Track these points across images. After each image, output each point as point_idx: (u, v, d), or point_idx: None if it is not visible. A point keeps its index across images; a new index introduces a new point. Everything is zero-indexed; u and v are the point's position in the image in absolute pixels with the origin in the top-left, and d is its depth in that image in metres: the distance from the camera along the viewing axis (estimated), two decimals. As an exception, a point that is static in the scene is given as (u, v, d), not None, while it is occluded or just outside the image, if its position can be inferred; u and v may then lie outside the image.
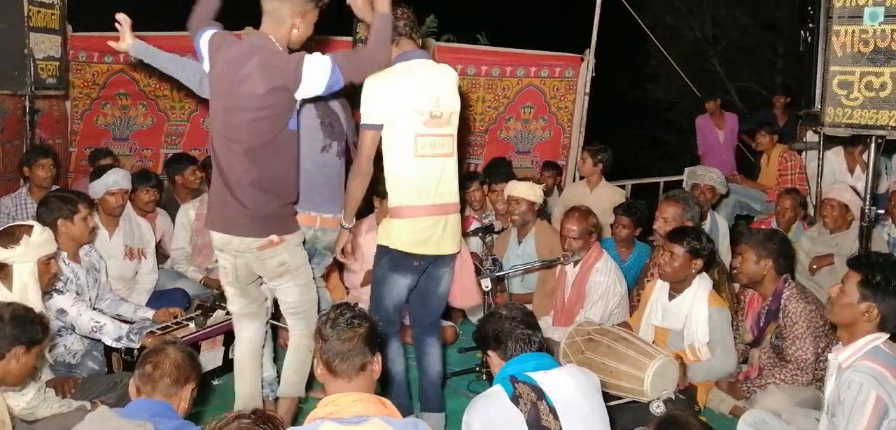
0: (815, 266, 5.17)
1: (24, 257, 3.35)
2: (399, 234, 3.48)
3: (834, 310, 2.93)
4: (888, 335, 2.82)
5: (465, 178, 6.18)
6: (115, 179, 4.82)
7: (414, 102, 3.40)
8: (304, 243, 3.58)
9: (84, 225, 4.10)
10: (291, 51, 3.30)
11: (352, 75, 3.29)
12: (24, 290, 3.30)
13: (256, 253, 3.38)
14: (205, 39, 3.37)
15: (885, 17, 3.93)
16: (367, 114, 3.41)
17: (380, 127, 3.41)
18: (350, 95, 3.62)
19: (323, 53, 3.27)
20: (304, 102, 3.37)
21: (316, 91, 3.26)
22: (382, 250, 3.56)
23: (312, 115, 3.58)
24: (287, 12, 3.25)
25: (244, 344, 3.68)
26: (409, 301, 3.75)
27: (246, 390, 3.65)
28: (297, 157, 3.41)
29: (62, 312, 3.89)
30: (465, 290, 3.83)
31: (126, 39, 3.76)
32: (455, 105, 3.57)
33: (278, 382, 3.91)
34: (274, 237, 3.35)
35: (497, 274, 4.51)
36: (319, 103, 3.55)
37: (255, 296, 3.66)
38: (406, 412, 3.46)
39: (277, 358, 4.08)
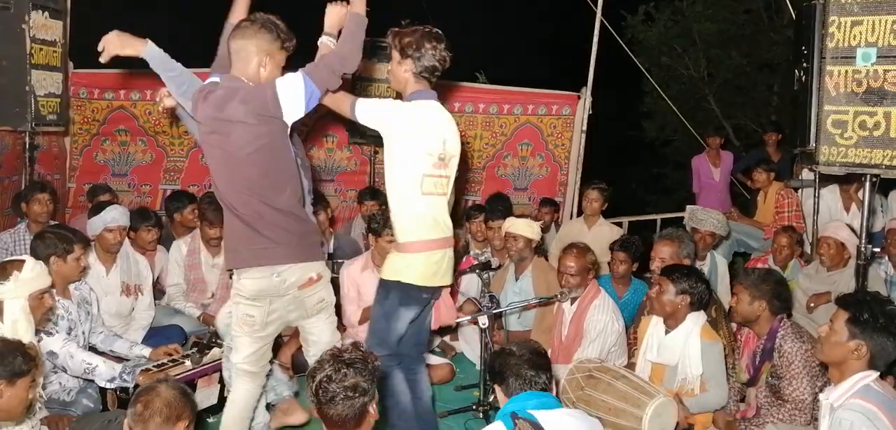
0: (812, 304, 5.17)
1: (14, 293, 3.32)
2: (414, 267, 3.49)
3: (823, 349, 2.95)
4: (878, 373, 2.83)
5: (471, 209, 6.21)
6: (114, 216, 4.82)
7: (425, 143, 3.44)
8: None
9: (76, 265, 4.08)
10: None
11: (323, 81, 3.33)
12: (14, 326, 3.26)
13: (296, 293, 3.38)
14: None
15: (878, 57, 3.97)
16: (379, 112, 3.47)
17: (375, 130, 3.47)
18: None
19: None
20: None
21: (300, 109, 3.30)
22: (392, 285, 3.54)
23: None
24: (253, 50, 3.29)
25: (237, 405, 3.55)
26: None
27: None
28: (300, 178, 3.46)
29: (52, 354, 3.84)
30: (447, 308, 3.86)
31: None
32: (457, 150, 3.61)
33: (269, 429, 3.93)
34: (313, 275, 3.40)
35: (494, 311, 4.50)
36: None
37: (265, 355, 3.58)
38: None
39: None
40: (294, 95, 3.25)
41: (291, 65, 3.44)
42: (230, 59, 3.35)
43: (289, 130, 3.35)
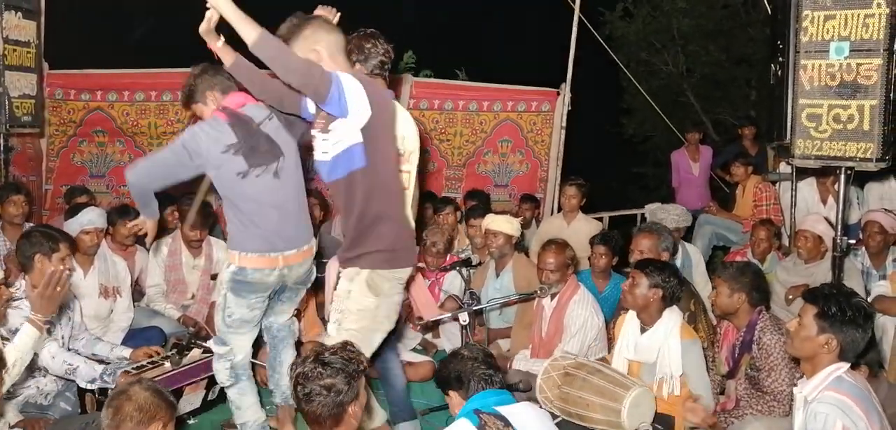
0: (790, 296, 5.21)
1: None
2: None
3: (794, 344, 2.99)
4: (849, 365, 2.87)
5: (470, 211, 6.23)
6: (91, 218, 4.78)
7: None
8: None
9: (61, 266, 4.03)
10: None
11: None
12: None
13: None
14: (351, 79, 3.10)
15: (851, 51, 4.03)
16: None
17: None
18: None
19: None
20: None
21: None
22: None
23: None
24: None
25: None
26: None
27: None
28: None
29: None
30: (427, 302, 3.96)
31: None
32: (416, 145, 3.68)
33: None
34: None
35: (475, 308, 4.50)
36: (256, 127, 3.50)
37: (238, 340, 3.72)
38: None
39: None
40: None
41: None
42: (337, 60, 3.22)
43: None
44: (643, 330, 3.97)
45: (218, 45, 3.28)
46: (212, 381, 4.21)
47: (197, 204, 4.47)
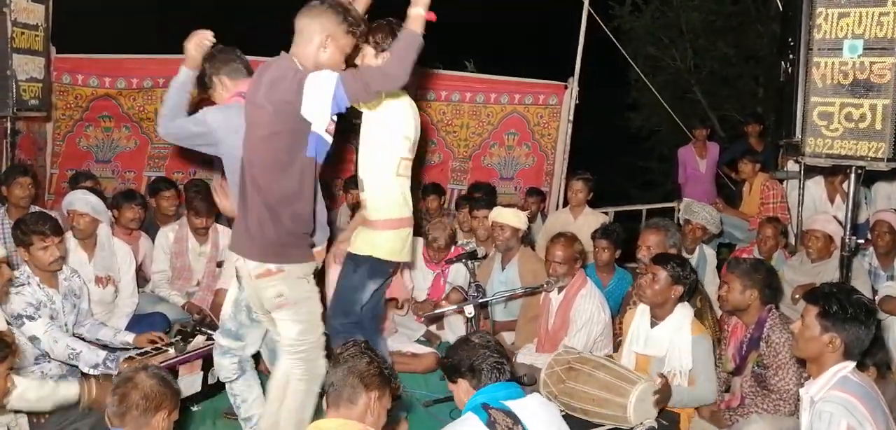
0: (797, 295, 5.19)
1: None
2: (386, 244, 3.67)
3: (798, 345, 2.98)
4: (855, 364, 2.85)
5: (461, 199, 6.22)
6: (71, 201, 4.79)
7: (404, 129, 3.65)
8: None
9: (44, 254, 3.96)
10: None
11: (357, 93, 3.06)
12: None
13: (254, 281, 3.24)
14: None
15: (864, 49, 4.00)
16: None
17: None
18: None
19: None
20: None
21: (323, 109, 3.05)
22: (362, 259, 3.71)
23: None
24: (316, 29, 3.12)
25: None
26: None
27: None
28: (313, 185, 3.25)
29: (35, 339, 3.82)
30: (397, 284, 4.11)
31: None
32: (418, 135, 3.80)
33: None
34: (271, 267, 3.18)
35: (480, 301, 4.50)
36: None
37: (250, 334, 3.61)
38: None
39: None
40: (320, 90, 3.01)
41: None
42: (295, 39, 3.19)
43: (310, 128, 3.10)
44: (654, 324, 3.96)
45: (419, 11, 3.09)
46: (209, 363, 4.17)
47: None
